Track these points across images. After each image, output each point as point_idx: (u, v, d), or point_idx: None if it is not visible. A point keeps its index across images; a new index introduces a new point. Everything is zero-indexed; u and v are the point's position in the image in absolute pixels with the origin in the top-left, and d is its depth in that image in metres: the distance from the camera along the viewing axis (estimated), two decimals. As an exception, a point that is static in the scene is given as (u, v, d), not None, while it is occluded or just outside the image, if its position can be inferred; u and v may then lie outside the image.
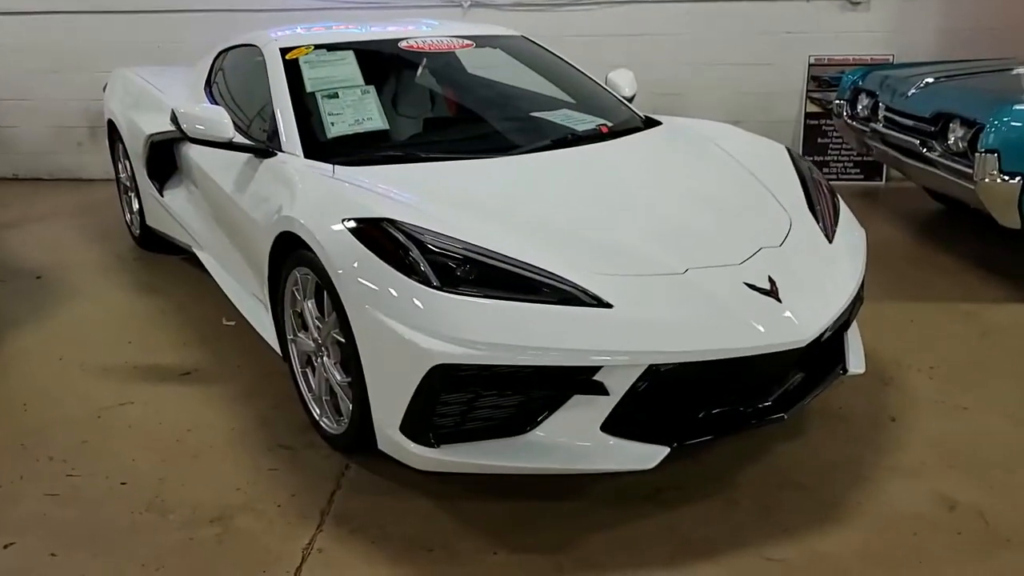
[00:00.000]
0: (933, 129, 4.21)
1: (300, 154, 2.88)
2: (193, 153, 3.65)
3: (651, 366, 2.11)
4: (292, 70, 3.20)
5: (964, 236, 4.79)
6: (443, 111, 3.53)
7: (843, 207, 2.91)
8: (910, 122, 4.42)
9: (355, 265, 2.26)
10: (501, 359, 2.07)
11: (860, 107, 5.12)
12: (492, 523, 2.30)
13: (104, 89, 5.01)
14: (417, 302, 2.14)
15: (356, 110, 3.03)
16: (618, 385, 2.12)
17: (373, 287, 2.21)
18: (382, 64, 3.41)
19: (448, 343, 2.07)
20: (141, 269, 4.46)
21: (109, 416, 2.94)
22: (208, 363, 3.33)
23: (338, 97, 3.08)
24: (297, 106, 3.03)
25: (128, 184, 4.70)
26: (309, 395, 2.75)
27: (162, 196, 4.10)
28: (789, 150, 3.16)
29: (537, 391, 2.14)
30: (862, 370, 2.64)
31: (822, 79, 6.09)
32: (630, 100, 3.67)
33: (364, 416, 2.37)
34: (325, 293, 2.44)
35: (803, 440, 2.68)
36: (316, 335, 2.60)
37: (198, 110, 2.99)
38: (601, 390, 2.11)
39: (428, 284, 2.15)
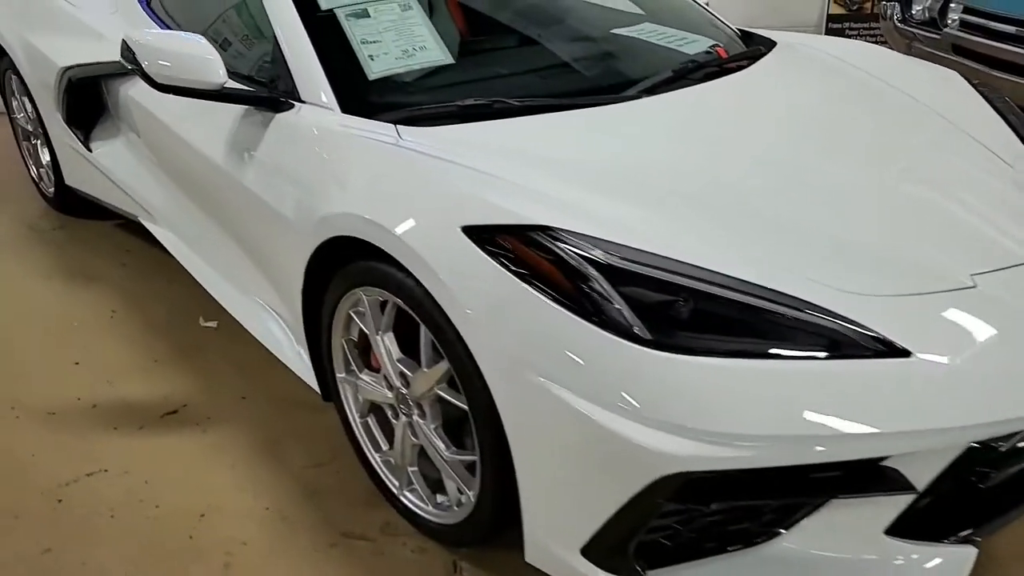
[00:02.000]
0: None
1: (334, 106, 1.93)
2: (137, 94, 2.62)
3: (973, 445, 1.39)
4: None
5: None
6: (507, 33, 2.52)
7: None
8: (1007, 27, 3.74)
9: (498, 305, 1.43)
10: (773, 458, 1.31)
11: (918, 8, 4.41)
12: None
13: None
14: (621, 367, 1.34)
15: (400, 35, 2.08)
16: (919, 475, 1.40)
17: (535, 342, 1.40)
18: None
19: (686, 438, 1.29)
20: (67, 244, 3.40)
21: (74, 499, 2.04)
22: (196, 393, 2.43)
23: (369, 16, 2.12)
24: (313, 34, 2.06)
25: (31, 129, 3.57)
26: (378, 459, 1.93)
27: (89, 150, 3.04)
28: (967, 79, 2.42)
29: (798, 491, 1.40)
30: None
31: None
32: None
33: (498, 512, 1.60)
34: (422, 329, 1.61)
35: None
36: (397, 382, 1.76)
37: (168, 42, 1.98)
38: (896, 484, 1.40)
39: (635, 338, 1.34)
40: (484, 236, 1.46)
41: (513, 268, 1.41)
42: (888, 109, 2.21)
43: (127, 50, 1.99)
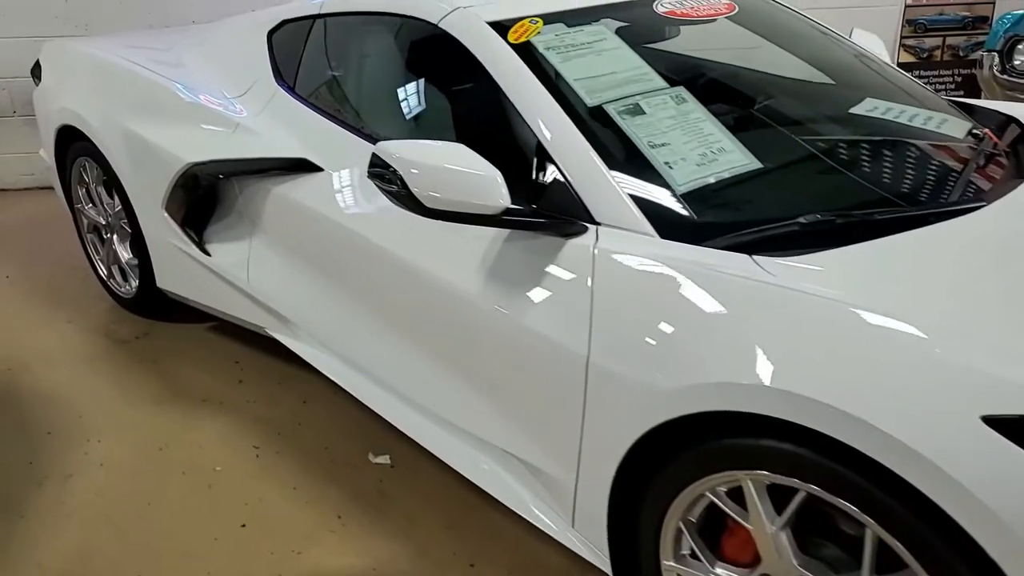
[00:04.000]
0: None
1: (648, 230, 1.57)
2: (306, 197, 2.21)
3: None
4: (532, 64, 1.85)
5: None
6: (779, 124, 2.07)
7: None
8: None
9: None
10: None
11: (1020, 60, 4.26)
12: None
13: (36, 75, 3.31)
14: None
15: (688, 135, 1.74)
16: None
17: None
18: (650, 48, 2.10)
19: None
20: (162, 356, 2.92)
21: None
22: (406, 560, 1.98)
23: (645, 113, 1.77)
24: (590, 138, 1.69)
25: (104, 222, 3.11)
26: None
27: (206, 253, 2.60)
28: None
29: None
30: None
31: (918, 23, 5.19)
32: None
33: None
34: (869, 532, 1.25)
35: None
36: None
37: (436, 156, 1.58)
38: None
39: None
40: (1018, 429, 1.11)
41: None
42: None
43: (380, 165, 1.59)
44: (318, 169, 2.19)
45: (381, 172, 1.60)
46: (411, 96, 2.18)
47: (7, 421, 2.57)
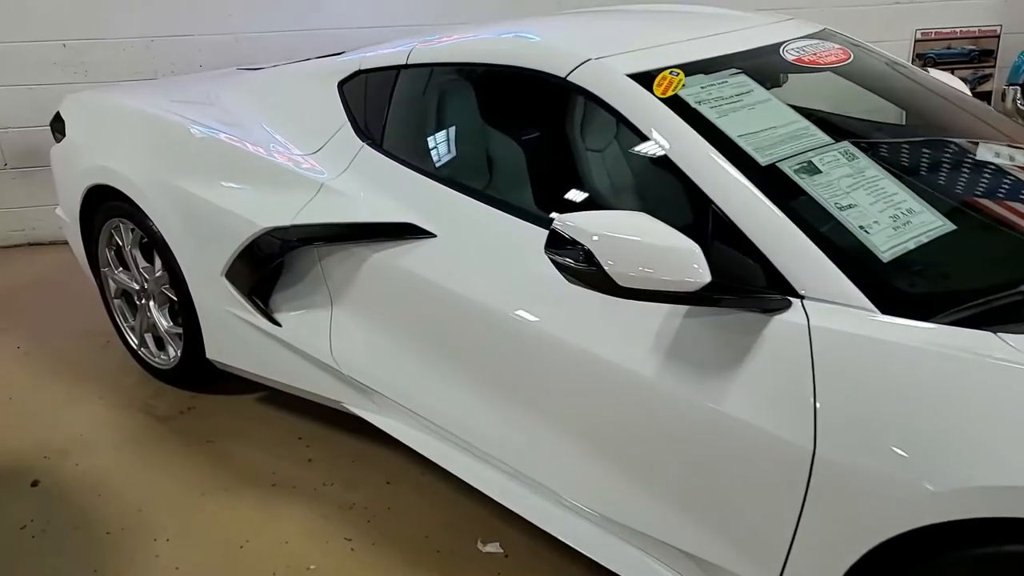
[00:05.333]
0: None
1: (866, 304, 1.42)
2: (414, 264, 2.00)
3: None
4: (690, 119, 1.70)
5: None
6: (941, 176, 1.95)
7: None
8: None
9: None
10: None
11: (1046, 93, 4.29)
12: None
13: (58, 129, 3.05)
14: None
15: (873, 196, 1.61)
16: None
17: None
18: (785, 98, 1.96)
19: None
20: (217, 435, 2.64)
21: None
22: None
23: (820, 172, 1.64)
24: (776, 201, 1.55)
25: (139, 288, 2.86)
26: None
27: (275, 323, 2.38)
28: None
29: None
30: None
31: (927, 56, 5.23)
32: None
33: None
34: None
35: None
36: None
37: (627, 228, 1.41)
38: None
39: None
40: None
41: None
42: None
43: (562, 240, 1.42)
44: (426, 234, 2.00)
45: (561, 248, 1.42)
46: (539, 156, 2.01)
47: (58, 520, 2.29)
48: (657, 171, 1.69)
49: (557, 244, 1.43)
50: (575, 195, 1.96)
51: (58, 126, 3.04)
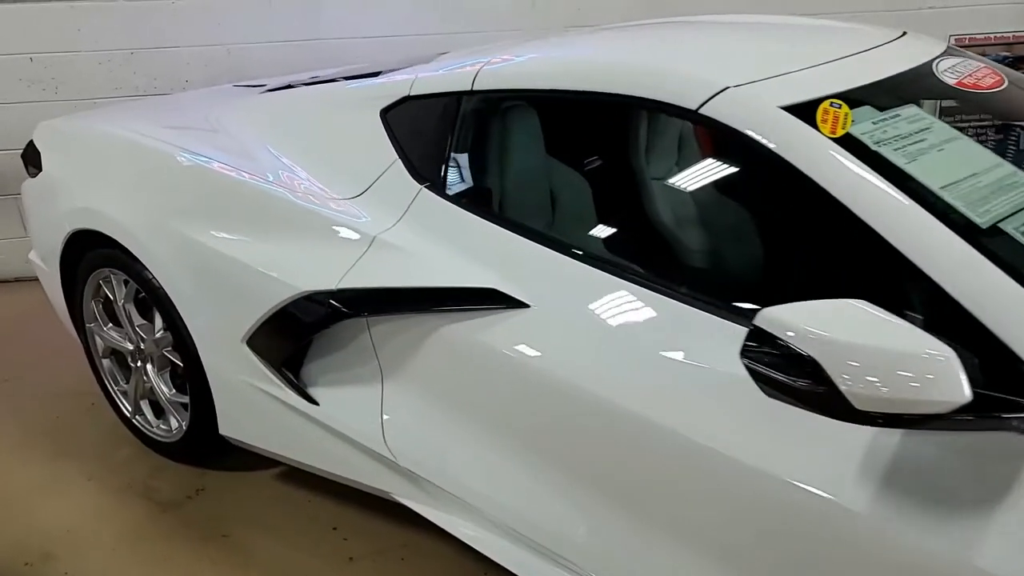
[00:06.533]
0: None
1: None
2: (495, 339, 1.61)
3: None
4: (875, 166, 1.34)
5: None
6: None
7: None
8: None
9: None
10: None
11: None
12: None
13: (32, 162, 2.60)
14: None
15: None
16: None
17: None
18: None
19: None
20: (236, 525, 2.20)
21: None
22: None
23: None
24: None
25: (134, 348, 2.43)
26: None
27: (312, 401, 1.97)
28: None
29: None
30: None
31: (960, 64, 4.97)
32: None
33: None
34: None
35: None
36: None
37: (863, 332, 1.04)
38: None
39: None
40: None
41: None
42: None
43: (762, 341, 1.05)
44: (516, 303, 1.61)
45: (765, 355, 1.05)
46: (663, 208, 1.63)
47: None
48: (837, 235, 1.32)
49: (758, 349, 1.06)
50: (724, 263, 1.59)
51: (32, 158, 2.59)
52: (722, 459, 1.33)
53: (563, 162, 1.80)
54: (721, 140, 1.46)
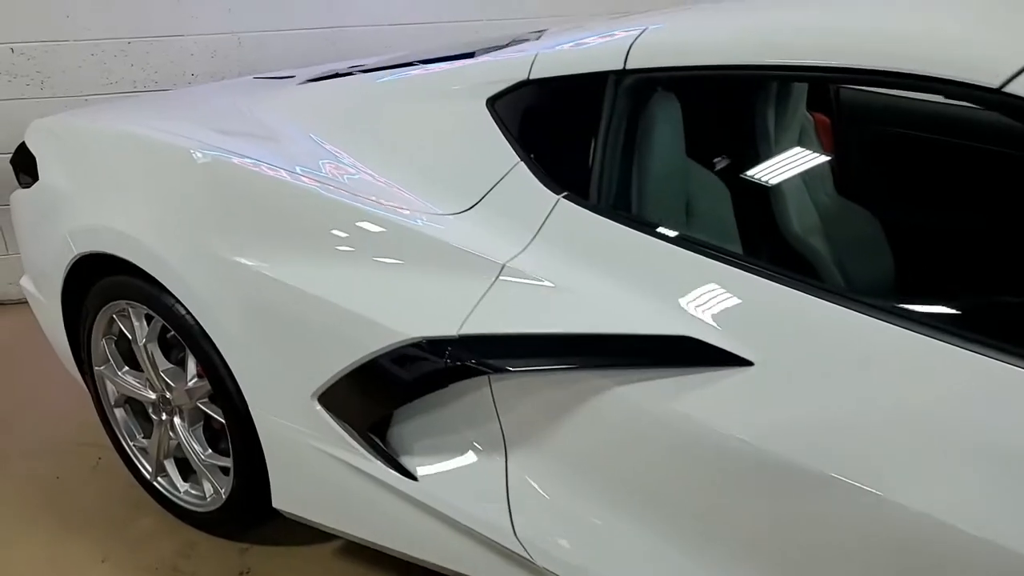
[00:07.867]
0: None
1: None
2: (689, 407, 1.16)
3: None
4: None
5: None
6: None
7: None
8: None
9: None
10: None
11: None
12: None
13: (26, 169, 2.12)
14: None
15: None
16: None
17: None
18: None
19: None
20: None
21: None
22: None
23: None
24: None
25: (156, 398, 1.96)
26: None
27: (411, 476, 1.52)
28: None
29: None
30: None
31: None
32: None
33: None
34: None
35: None
36: None
37: None
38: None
39: None
40: None
41: None
42: None
43: None
44: (727, 359, 1.17)
45: None
46: (938, 224, 1.20)
47: None
48: None
49: None
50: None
51: (25, 164, 2.11)
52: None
53: (778, 163, 1.36)
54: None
